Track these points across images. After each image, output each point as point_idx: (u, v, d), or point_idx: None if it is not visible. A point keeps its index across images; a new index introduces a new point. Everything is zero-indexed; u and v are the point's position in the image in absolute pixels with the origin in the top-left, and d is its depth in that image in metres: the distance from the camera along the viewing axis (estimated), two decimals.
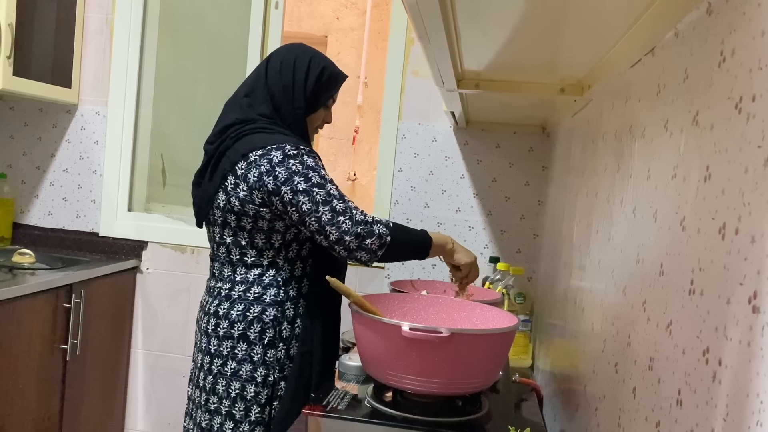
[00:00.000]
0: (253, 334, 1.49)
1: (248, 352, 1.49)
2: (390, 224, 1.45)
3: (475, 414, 1.24)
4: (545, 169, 2.26)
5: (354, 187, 4.01)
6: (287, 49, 1.61)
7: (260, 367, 1.48)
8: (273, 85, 1.54)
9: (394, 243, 1.43)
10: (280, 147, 1.44)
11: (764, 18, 0.52)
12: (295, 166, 1.42)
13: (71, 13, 2.49)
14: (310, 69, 1.55)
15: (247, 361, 1.48)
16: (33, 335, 1.96)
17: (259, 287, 1.51)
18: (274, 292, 1.50)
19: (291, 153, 1.43)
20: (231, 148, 1.48)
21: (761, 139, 0.50)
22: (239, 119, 1.52)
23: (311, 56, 1.58)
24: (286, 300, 1.51)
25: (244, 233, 1.50)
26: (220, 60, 2.65)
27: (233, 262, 1.53)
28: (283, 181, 1.41)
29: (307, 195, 1.40)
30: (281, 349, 1.50)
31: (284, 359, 1.50)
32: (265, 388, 1.49)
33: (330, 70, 1.60)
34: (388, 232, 1.42)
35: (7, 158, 2.64)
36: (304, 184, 1.41)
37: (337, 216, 1.40)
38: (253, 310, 1.49)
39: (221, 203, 1.49)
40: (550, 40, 1.05)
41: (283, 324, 1.50)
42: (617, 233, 0.97)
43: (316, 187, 1.41)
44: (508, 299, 1.85)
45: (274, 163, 1.42)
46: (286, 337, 1.51)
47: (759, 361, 0.47)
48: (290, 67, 1.55)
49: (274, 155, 1.43)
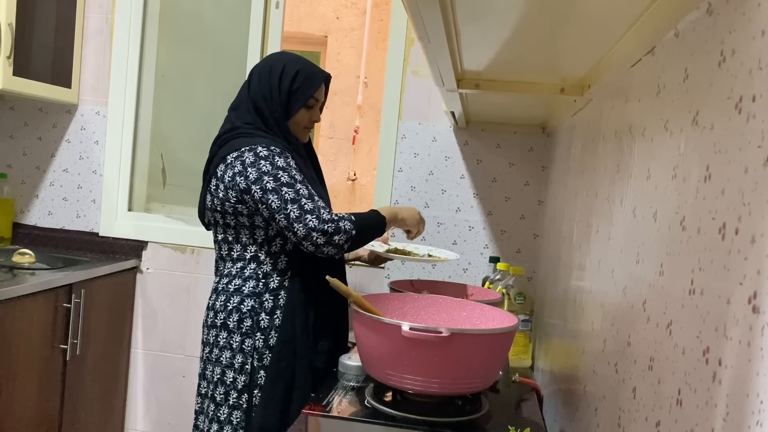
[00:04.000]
0: (232, 323, 1.60)
1: (228, 340, 1.60)
2: (353, 218, 1.53)
3: (475, 414, 1.24)
4: (545, 169, 2.26)
5: (354, 187, 4.01)
6: (266, 59, 1.73)
7: (238, 355, 1.58)
8: (255, 95, 1.65)
9: (359, 234, 1.53)
10: (252, 149, 1.55)
11: (764, 18, 0.52)
12: (265, 167, 1.52)
13: (71, 13, 2.49)
14: (284, 74, 1.64)
15: (227, 348, 1.59)
16: (33, 335, 1.96)
17: (239, 279, 1.62)
18: (253, 284, 1.60)
19: (262, 154, 1.54)
20: (216, 155, 1.62)
21: (761, 139, 0.50)
22: (227, 129, 1.65)
23: (285, 62, 1.66)
24: (264, 292, 1.60)
25: (230, 230, 1.63)
26: (220, 60, 2.65)
27: (223, 257, 1.67)
28: (253, 181, 1.52)
29: (276, 193, 1.50)
30: (259, 338, 1.58)
31: (263, 348, 1.58)
32: (242, 375, 1.58)
33: (305, 72, 1.66)
34: (353, 227, 1.51)
35: (7, 158, 2.64)
36: (273, 183, 1.50)
37: (305, 214, 1.48)
38: (233, 301, 1.60)
39: (209, 204, 1.63)
40: (550, 39, 1.05)
41: (261, 314, 1.59)
42: (617, 233, 0.97)
43: (285, 186, 1.50)
44: (508, 299, 1.85)
45: (247, 164, 1.53)
46: (264, 328, 1.59)
47: (759, 361, 0.47)
48: (266, 74, 1.65)
49: (247, 156, 1.54)
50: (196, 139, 2.61)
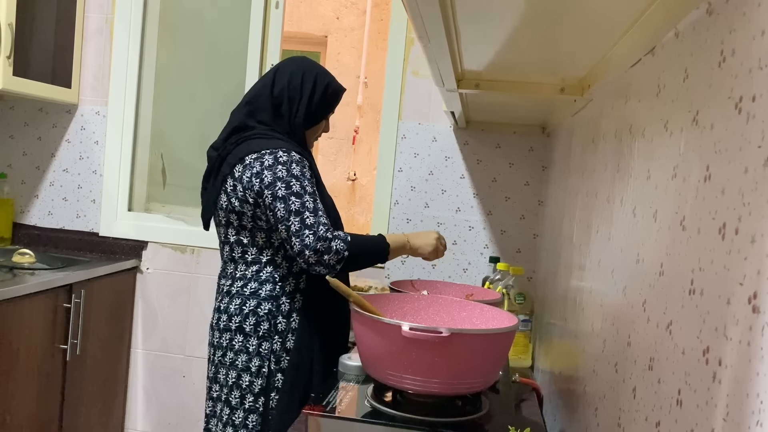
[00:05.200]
0: (248, 326, 1.57)
1: (244, 343, 1.57)
2: (348, 239, 1.50)
3: (475, 414, 1.24)
4: (545, 169, 2.26)
5: (354, 187, 4.01)
6: (296, 62, 1.69)
7: (255, 358, 1.56)
8: (279, 96, 1.62)
9: (352, 257, 1.50)
10: (273, 152, 1.53)
11: (764, 18, 0.52)
12: (281, 172, 1.50)
13: (71, 13, 2.49)
14: (317, 85, 1.64)
15: (243, 352, 1.56)
16: (33, 335, 1.96)
17: (256, 283, 1.59)
18: (270, 288, 1.58)
19: (281, 159, 1.52)
20: (231, 153, 1.58)
21: (761, 139, 0.50)
22: (239, 126, 1.62)
23: (317, 72, 1.66)
24: (281, 295, 1.58)
25: (246, 232, 1.59)
26: (219, 60, 2.65)
27: (235, 259, 1.62)
28: (267, 185, 1.50)
29: (284, 202, 1.48)
30: (276, 341, 1.56)
31: (280, 351, 1.56)
32: (259, 378, 1.56)
33: (333, 87, 1.69)
34: (346, 248, 1.48)
35: (7, 158, 2.64)
36: (284, 191, 1.49)
37: (304, 229, 1.47)
38: (249, 304, 1.57)
39: (223, 204, 1.58)
40: (550, 40, 1.05)
41: (278, 318, 1.57)
42: (617, 233, 0.97)
43: (293, 196, 1.49)
44: (508, 299, 1.85)
45: (265, 166, 1.51)
46: (282, 331, 1.57)
47: (759, 361, 0.47)
48: (298, 80, 1.63)
49: (266, 159, 1.52)
50: (196, 139, 2.61)
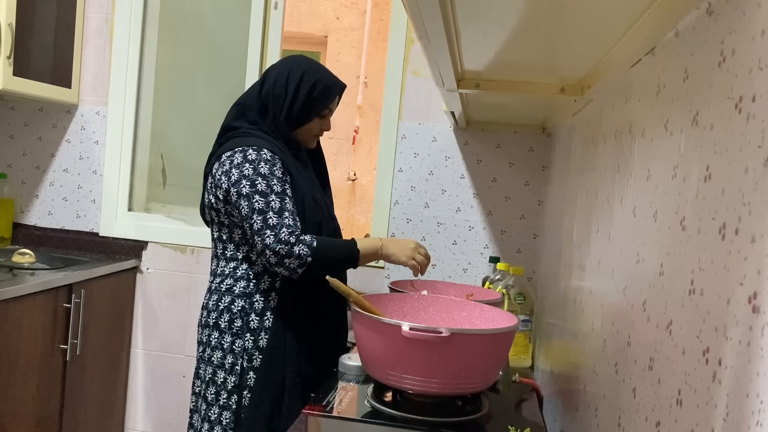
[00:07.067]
0: (223, 323, 1.59)
1: (219, 339, 1.59)
2: (314, 243, 1.48)
3: (475, 414, 1.24)
4: (545, 169, 2.26)
5: (354, 187, 4.00)
6: (285, 61, 1.69)
7: (228, 355, 1.58)
8: (266, 95, 1.63)
9: (316, 262, 1.48)
10: (243, 150, 1.54)
11: (764, 18, 0.52)
12: (247, 170, 1.51)
13: (71, 13, 2.49)
14: (302, 82, 1.62)
15: (218, 348, 1.59)
16: (33, 335, 1.96)
17: (231, 279, 1.61)
18: (244, 284, 1.59)
19: (249, 157, 1.53)
20: (215, 153, 1.62)
21: (761, 139, 0.50)
22: (227, 127, 1.65)
23: (305, 69, 1.64)
24: (255, 292, 1.58)
25: (225, 228, 1.62)
26: (219, 60, 2.65)
27: (218, 255, 1.66)
28: (233, 183, 1.51)
29: (248, 200, 1.49)
30: (249, 339, 1.57)
31: (252, 350, 1.57)
32: (232, 375, 1.57)
33: (324, 83, 1.65)
34: (309, 253, 1.47)
35: (7, 158, 2.63)
36: (248, 188, 1.50)
37: (265, 228, 1.47)
38: (224, 300, 1.60)
39: (206, 201, 1.62)
40: (550, 39, 1.05)
41: (251, 315, 1.58)
42: (617, 233, 0.97)
43: (257, 195, 1.49)
44: (508, 299, 1.85)
45: (234, 164, 1.53)
46: (254, 329, 1.57)
47: (759, 361, 0.47)
48: (284, 79, 1.63)
49: (236, 157, 1.54)
50: (196, 139, 2.61)
